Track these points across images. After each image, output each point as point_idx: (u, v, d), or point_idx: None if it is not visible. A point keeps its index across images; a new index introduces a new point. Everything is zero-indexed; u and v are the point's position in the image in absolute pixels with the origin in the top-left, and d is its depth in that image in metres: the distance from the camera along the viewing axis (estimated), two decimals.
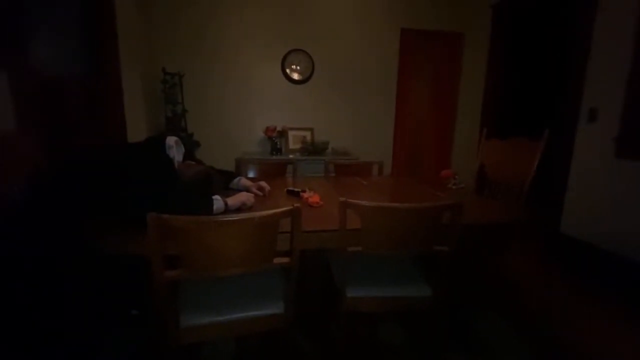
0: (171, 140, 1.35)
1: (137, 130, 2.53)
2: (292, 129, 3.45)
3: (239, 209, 1.26)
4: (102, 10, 2.45)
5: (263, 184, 1.56)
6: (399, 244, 1.10)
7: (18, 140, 1.55)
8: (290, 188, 1.62)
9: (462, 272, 1.61)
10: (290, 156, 3.26)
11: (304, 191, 1.56)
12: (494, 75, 3.43)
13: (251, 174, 2.27)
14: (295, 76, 3.43)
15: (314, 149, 3.31)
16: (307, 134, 3.50)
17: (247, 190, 1.55)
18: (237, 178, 1.62)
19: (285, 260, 1.01)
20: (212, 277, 0.97)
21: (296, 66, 3.42)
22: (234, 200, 1.24)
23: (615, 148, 2.22)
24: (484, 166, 1.97)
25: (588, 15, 2.42)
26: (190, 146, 3.15)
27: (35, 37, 2.11)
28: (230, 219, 0.88)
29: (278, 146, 3.31)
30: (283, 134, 3.36)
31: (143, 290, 1.24)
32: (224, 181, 1.62)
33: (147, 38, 2.98)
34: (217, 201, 1.19)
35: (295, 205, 0.96)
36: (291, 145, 3.44)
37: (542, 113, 3.05)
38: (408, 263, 1.42)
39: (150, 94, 2.91)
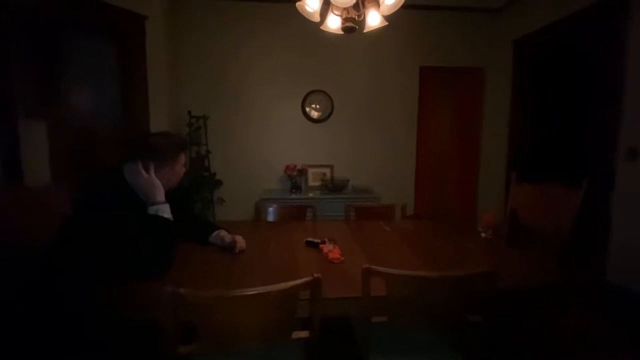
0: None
1: None
2: (311, 166, 3.45)
3: None
4: (135, 60, 2.63)
5: (238, 238, 1.46)
6: (429, 315, 1.00)
7: (51, 192, 1.61)
8: (310, 239, 1.57)
9: (500, 341, 1.45)
10: (310, 194, 3.24)
11: (323, 242, 1.50)
12: (518, 112, 3.31)
13: (270, 218, 2.24)
14: (315, 115, 3.48)
15: (333, 187, 3.28)
16: (327, 171, 3.49)
17: (222, 241, 1.47)
18: (216, 232, 1.53)
19: (304, 334, 0.94)
20: (227, 352, 0.92)
21: (316, 105, 3.48)
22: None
23: None
24: (515, 212, 1.85)
25: (618, 46, 2.33)
26: (212, 185, 3.20)
27: (72, 88, 2.26)
28: (247, 293, 0.83)
29: (298, 184, 3.30)
30: (302, 172, 3.36)
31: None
32: (205, 234, 1.54)
33: (174, 83, 3.15)
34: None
35: (315, 275, 0.90)
36: (310, 183, 3.43)
37: (575, 152, 2.89)
38: (439, 330, 1.30)
39: None
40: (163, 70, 2.86)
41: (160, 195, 1.21)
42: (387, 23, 1.62)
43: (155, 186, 1.20)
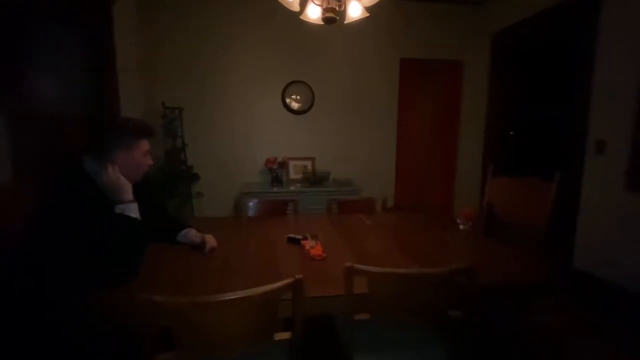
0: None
1: None
2: (292, 158, 3.41)
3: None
4: (103, 48, 2.46)
5: (208, 237, 1.42)
6: (411, 311, 1.01)
7: (15, 189, 1.48)
8: (291, 235, 1.55)
9: (482, 333, 1.50)
10: (291, 187, 3.21)
11: (305, 238, 1.49)
12: (495, 105, 3.39)
13: (251, 213, 2.20)
14: (296, 107, 3.42)
15: (315, 179, 3.26)
16: (308, 164, 3.46)
17: (192, 241, 1.43)
18: (185, 230, 1.47)
19: (286, 336, 0.93)
20: (207, 358, 0.89)
21: (296, 96, 3.41)
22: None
23: (625, 181, 2.15)
24: (492, 205, 1.90)
25: (589, 41, 2.39)
26: (190, 179, 3.10)
27: (36, 77, 2.09)
28: (226, 298, 0.80)
29: (279, 177, 3.26)
30: (283, 165, 3.32)
31: None
32: (173, 232, 1.47)
33: (147, 74, 2.99)
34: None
35: (297, 276, 0.88)
36: (292, 175, 3.39)
37: (548, 145, 3.00)
38: (422, 326, 1.32)
39: None
40: (134, 59, 2.70)
41: (128, 194, 1.13)
42: (368, 14, 1.59)
43: (122, 183, 1.13)
